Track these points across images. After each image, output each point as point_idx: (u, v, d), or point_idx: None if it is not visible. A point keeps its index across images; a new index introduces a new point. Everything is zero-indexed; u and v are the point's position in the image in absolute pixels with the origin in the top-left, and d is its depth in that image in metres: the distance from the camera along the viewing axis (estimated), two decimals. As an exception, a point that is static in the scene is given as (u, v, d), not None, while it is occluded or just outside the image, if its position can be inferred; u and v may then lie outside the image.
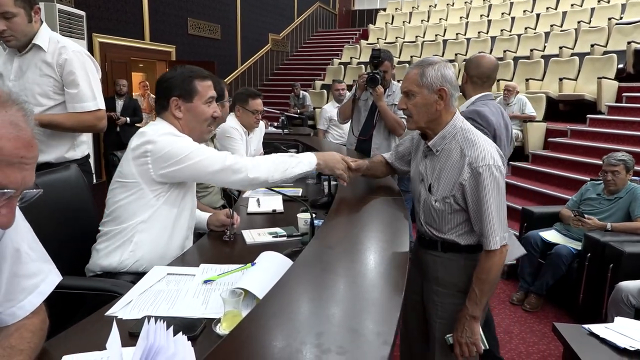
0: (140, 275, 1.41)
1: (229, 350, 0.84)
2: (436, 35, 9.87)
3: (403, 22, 11.42)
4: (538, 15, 9.00)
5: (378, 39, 10.82)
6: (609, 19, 7.30)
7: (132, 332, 1.03)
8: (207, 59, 8.81)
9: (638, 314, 2.34)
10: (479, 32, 9.18)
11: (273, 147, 3.10)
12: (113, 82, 6.34)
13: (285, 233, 1.85)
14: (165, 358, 0.80)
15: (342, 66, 9.78)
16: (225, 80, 9.03)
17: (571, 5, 8.80)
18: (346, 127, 4.66)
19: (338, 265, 1.28)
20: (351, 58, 10.14)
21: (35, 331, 0.94)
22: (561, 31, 7.81)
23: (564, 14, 8.55)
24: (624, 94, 5.76)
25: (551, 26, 8.16)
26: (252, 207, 2.25)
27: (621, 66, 6.21)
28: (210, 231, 1.85)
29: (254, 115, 3.03)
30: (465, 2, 11.20)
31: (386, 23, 11.68)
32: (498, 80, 6.81)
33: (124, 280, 1.47)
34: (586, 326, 1.74)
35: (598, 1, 8.41)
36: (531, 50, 7.37)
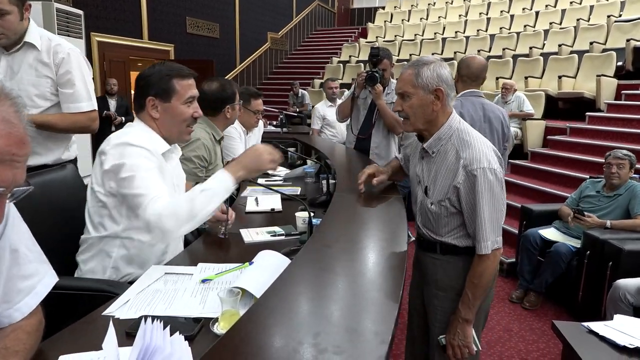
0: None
1: (226, 349, 0.83)
2: (435, 33, 9.86)
3: (402, 21, 11.40)
4: (537, 13, 8.99)
5: (377, 38, 10.82)
6: (608, 17, 7.30)
7: (129, 332, 1.03)
8: (206, 58, 8.80)
9: (636, 312, 2.34)
10: (478, 30, 9.17)
11: (271, 146, 3.09)
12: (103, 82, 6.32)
13: (283, 232, 1.84)
14: (161, 358, 0.79)
15: (341, 65, 9.77)
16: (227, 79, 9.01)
17: (570, 2, 8.79)
18: (339, 126, 4.66)
19: (336, 264, 1.27)
20: (350, 56, 10.13)
21: (31, 332, 0.93)
22: (560, 29, 7.81)
23: (563, 12, 8.55)
24: (623, 92, 5.75)
25: (550, 24, 8.16)
26: (251, 206, 2.25)
27: (620, 64, 6.20)
28: (205, 226, 1.82)
29: (255, 115, 3.05)
30: (464, 0, 11.19)
31: (385, 21, 11.67)
32: (497, 78, 6.82)
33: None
34: (585, 324, 1.74)
35: (597, -1, 8.41)
36: (530, 48, 7.36)
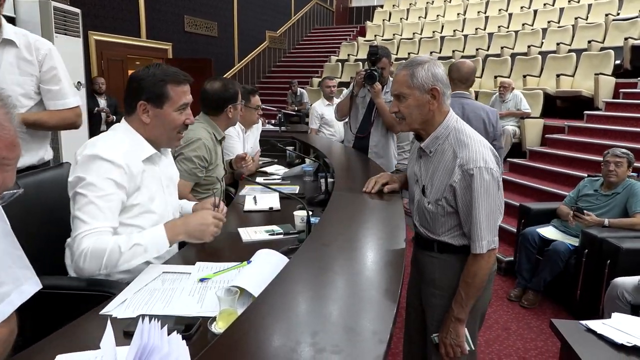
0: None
1: (224, 349, 0.83)
2: (433, 31, 9.86)
3: (400, 19, 11.39)
4: (535, 11, 8.99)
5: (375, 36, 10.81)
6: (606, 15, 7.30)
7: (127, 331, 1.02)
8: (204, 57, 8.78)
9: (634, 310, 2.35)
10: (476, 29, 9.16)
11: (270, 145, 3.09)
12: (91, 81, 6.29)
13: (281, 231, 1.84)
14: (159, 357, 0.79)
15: (340, 63, 9.76)
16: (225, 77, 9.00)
17: (568, 1, 8.80)
18: (337, 125, 4.65)
19: (334, 262, 1.27)
20: (348, 55, 10.11)
21: None
22: (558, 27, 7.81)
23: (561, 10, 8.56)
24: (621, 90, 5.75)
25: (548, 22, 8.16)
26: (249, 205, 2.24)
27: (618, 62, 6.20)
28: None
29: (256, 110, 3.11)
30: (462, -1, 11.20)
31: (383, 20, 11.66)
32: (495, 76, 6.83)
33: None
34: (583, 322, 1.74)
35: (595, -3, 8.41)
36: (528, 46, 7.36)
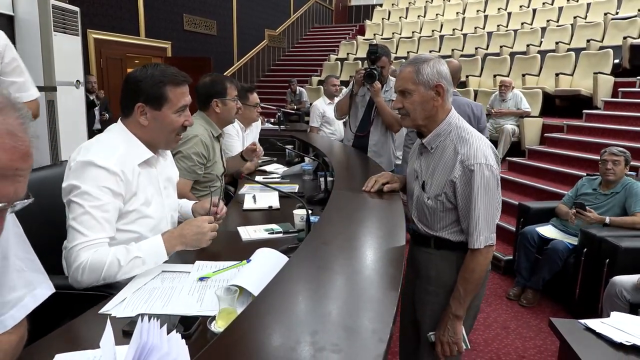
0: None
1: (224, 348, 0.83)
2: (433, 30, 9.85)
3: (399, 18, 11.38)
4: (534, 10, 8.99)
5: (375, 35, 10.80)
6: (605, 14, 7.30)
7: (126, 331, 1.02)
8: (203, 55, 8.77)
9: (633, 309, 2.35)
10: (476, 28, 9.16)
11: (269, 144, 3.09)
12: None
13: (281, 229, 1.84)
14: (158, 356, 0.79)
15: (339, 62, 9.75)
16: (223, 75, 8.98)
17: (567, 0, 8.80)
18: (338, 124, 4.64)
19: (334, 261, 1.27)
20: (348, 54, 10.10)
21: (7, 351, 0.87)
22: (557, 26, 7.81)
23: (560, 9, 8.56)
24: (620, 89, 5.76)
25: (547, 21, 8.16)
26: (248, 204, 2.24)
27: (617, 61, 6.21)
28: None
29: (255, 108, 3.12)
30: (461, -2, 11.19)
31: (382, 19, 11.65)
32: (495, 75, 6.83)
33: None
34: (582, 321, 1.74)
35: (594, -4, 8.41)
36: (527, 45, 7.36)
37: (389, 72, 3.19)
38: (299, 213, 1.86)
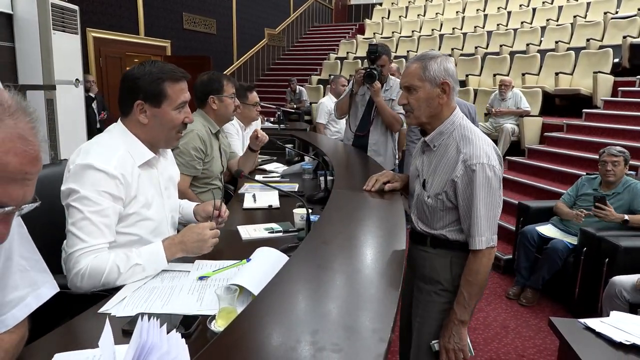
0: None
1: (224, 347, 0.83)
2: (432, 29, 9.84)
3: (399, 17, 11.38)
4: (534, 9, 8.99)
5: (374, 34, 10.79)
6: (605, 14, 7.30)
7: (125, 330, 1.02)
8: (203, 54, 8.76)
9: (632, 309, 2.35)
10: (475, 27, 9.16)
11: (269, 143, 3.09)
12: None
13: (281, 229, 1.84)
14: (158, 356, 0.78)
15: (339, 61, 9.74)
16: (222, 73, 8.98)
17: (567, -1, 8.81)
18: (343, 123, 4.66)
19: (334, 261, 1.27)
20: (347, 53, 10.10)
21: (8, 350, 0.87)
22: (557, 25, 7.81)
23: (560, 9, 8.55)
24: (620, 89, 5.76)
25: (547, 20, 8.16)
26: (248, 203, 2.24)
27: (617, 60, 6.21)
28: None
29: (255, 107, 3.12)
30: (461, -3, 11.18)
31: (382, 18, 11.64)
32: (494, 75, 6.83)
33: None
34: (582, 320, 1.74)
35: (594, -5, 8.40)
36: (527, 44, 7.36)
37: (389, 71, 3.19)
38: (299, 212, 1.85)
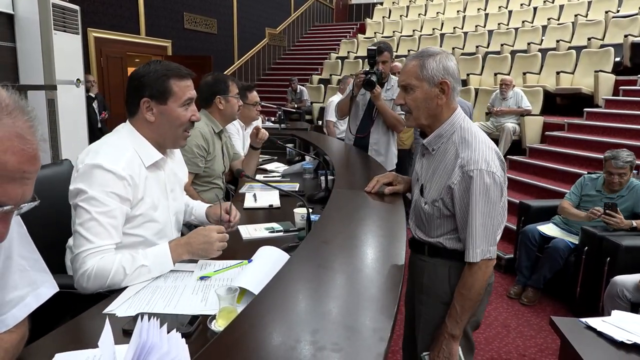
0: None
1: (223, 347, 0.83)
2: (433, 29, 9.83)
3: (400, 16, 11.36)
4: (535, 8, 8.97)
5: (375, 33, 10.78)
6: (606, 12, 7.29)
7: (126, 330, 1.02)
8: (204, 54, 8.76)
9: (634, 308, 2.35)
10: (476, 26, 9.15)
11: (270, 142, 3.09)
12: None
13: (281, 228, 1.84)
14: (158, 356, 0.78)
15: (340, 60, 9.74)
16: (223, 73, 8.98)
17: (568, -2, 8.79)
18: None
19: (334, 260, 1.27)
20: (348, 52, 10.09)
21: (8, 349, 0.87)
22: (558, 24, 7.79)
23: (561, 8, 8.53)
24: (621, 87, 5.75)
25: (548, 19, 8.14)
26: (249, 203, 2.24)
27: (618, 59, 6.20)
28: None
29: (254, 107, 3.12)
30: (462, -5, 11.16)
31: (383, 17, 11.63)
32: (495, 74, 6.82)
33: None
34: (583, 319, 1.74)
35: (595, -6, 8.39)
36: (528, 43, 7.34)
37: (392, 70, 3.19)
38: (300, 212, 1.85)
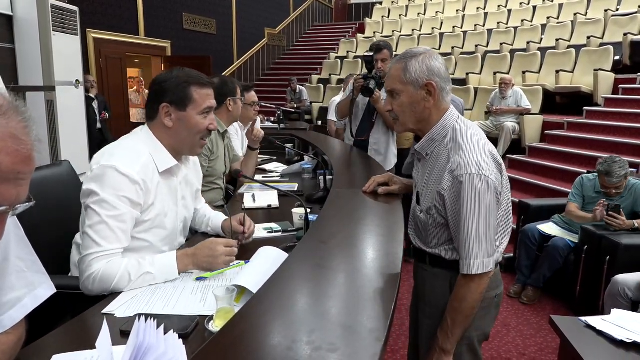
0: None
1: (220, 347, 0.83)
2: (433, 28, 9.83)
3: (399, 16, 11.36)
4: (534, 7, 8.97)
5: (374, 33, 10.77)
6: (605, 11, 7.28)
7: (124, 331, 1.02)
8: (203, 54, 8.76)
9: (634, 306, 2.35)
10: (476, 25, 9.14)
11: (269, 142, 3.09)
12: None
13: (280, 228, 1.84)
14: (155, 356, 0.78)
15: (339, 60, 9.74)
16: (222, 75, 8.98)
17: (567, -3, 8.79)
18: None
19: (332, 260, 1.27)
20: (348, 52, 10.09)
21: (6, 351, 0.87)
22: (557, 23, 7.79)
23: (561, 6, 8.53)
24: (620, 86, 5.75)
25: (547, 18, 8.14)
26: (248, 203, 2.24)
27: (617, 58, 6.19)
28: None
29: (252, 107, 3.10)
30: (461, -5, 11.16)
31: (382, 16, 11.63)
32: (495, 73, 6.82)
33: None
34: (583, 318, 1.73)
35: (594, -7, 8.38)
36: (528, 42, 7.35)
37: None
38: (298, 212, 1.85)
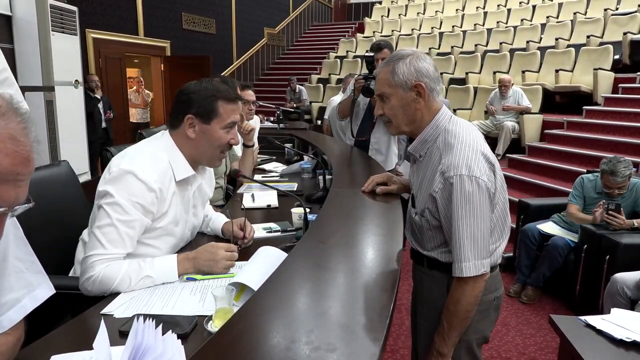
0: None
1: (219, 347, 0.82)
2: (432, 27, 9.83)
3: (399, 15, 11.36)
4: (534, 6, 8.96)
5: (374, 32, 10.77)
6: (605, 10, 7.28)
7: (122, 331, 1.02)
8: (203, 54, 8.76)
9: (633, 305, 2.35)
10: (475, 25, 9.14)
11: (268, 142, 3.09)
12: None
13: (279, 228, 1.84)
14: (153, 357, 0.78)
15: (338, 60, 9.74)
16: (221, 75, 8.98)
17: (567, -4, 8.78)
18: None
19: (331, 260, 1.27)
20: (347, 52, 10.09)
21: (4, 352, 0.87)
22: (557, 22, 7.79)
23: (560, 5, 8.53)
24: (620, 85, 5.74)
25: (547, 17, 8.14)
26: (247, 202, 2.24)
27: (617, 57, 6.19)
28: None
29: (246, 106, 3.09)
30: (461, -6, 11.16)
31: (382, 16, 11.62)
32: (494, 72, 6.82)
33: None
34: (582, 318, 1.73)
35: (594, -8, 8.38)
36: (527, 42, 7.34)
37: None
38: (297, 211, 1.85)
